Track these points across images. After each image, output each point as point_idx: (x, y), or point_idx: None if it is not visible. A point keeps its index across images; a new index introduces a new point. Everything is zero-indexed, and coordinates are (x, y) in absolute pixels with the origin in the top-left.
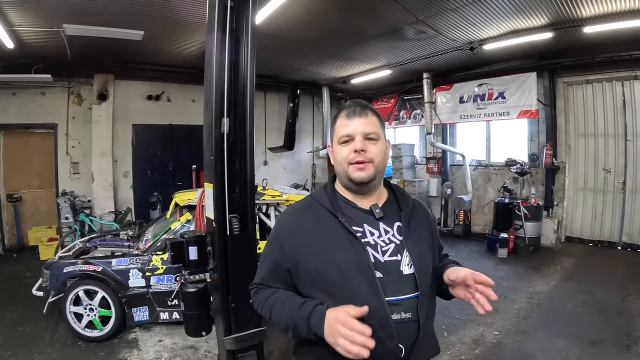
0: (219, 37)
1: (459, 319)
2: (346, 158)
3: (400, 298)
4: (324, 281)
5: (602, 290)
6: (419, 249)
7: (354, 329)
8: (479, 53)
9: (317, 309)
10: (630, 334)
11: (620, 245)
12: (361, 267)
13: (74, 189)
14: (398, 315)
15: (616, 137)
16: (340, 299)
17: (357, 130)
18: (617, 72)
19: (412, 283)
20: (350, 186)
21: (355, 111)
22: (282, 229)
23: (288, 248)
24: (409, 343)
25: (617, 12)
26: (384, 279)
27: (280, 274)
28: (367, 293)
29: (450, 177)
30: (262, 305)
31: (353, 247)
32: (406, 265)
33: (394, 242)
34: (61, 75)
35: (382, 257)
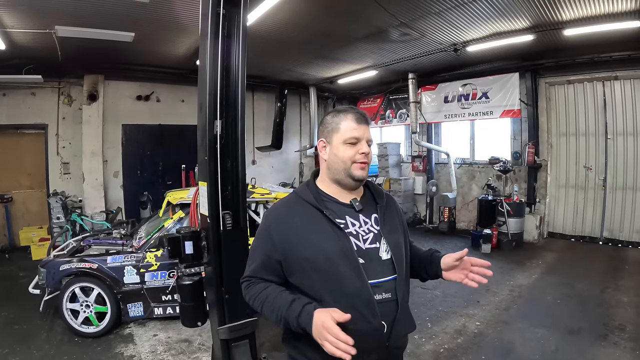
0: (212, 44)
1: (442, 310)
2: (352, 157)
3: (381, 280)
4: (314, 269)
5: (582, 283)
6: (394, 237)
7: (339, 338)
8: (462, 54)
9: (306, 309)
10: (608, 323)
11: (601, 240)
12: (346, 254)
13: (65, 189)
14: (380, 296)
15: (597, 136)
16: (329, 284)
17: (364, 135)
18: (598, 73)
19: (390, 267)
20: (347, 182)
21: (362, 119)
22: (271, 223)
23: (278, 241)
24: (390, 320)
25: (596, 15)
26: (366, 264)
27: (271, 266)
28: (352, 277)
29: (436, 175)
30: (255, 299)
31: (338, 237)
32: (384, 251)
33: (372, 232)
34: (51, 76)
35: (364, 245)
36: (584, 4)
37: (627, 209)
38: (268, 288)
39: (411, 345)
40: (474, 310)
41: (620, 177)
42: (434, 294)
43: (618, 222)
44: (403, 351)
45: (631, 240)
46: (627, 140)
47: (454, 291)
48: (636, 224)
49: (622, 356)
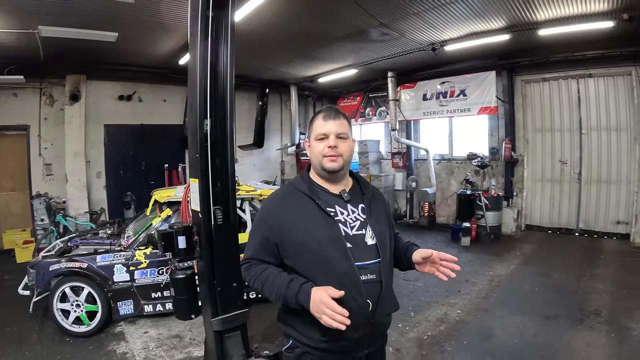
0: (201, 45)
1: (424, 300)
2: (321, 152)
3: (366, 263)
4: (307, 252)
5: (559, 273)
6: (379, 225)
7: (335, 310)
8: (440, 53)
9: (303, 288)
10: (584, 309)
11: (577, 231)
12: (335, 239)
13: (48, 191)
14: (365, 277)
15: (572, 131)
16: (320, 266)
17: (332, 130)
18: (572, 71)
19: (375, 251)
20: (323, 174)
21: (331, 115)
22: (269, 210)
23: (275, 225)
24: (374, 299)
25: (570, 15)
26: (353, 249)
27: (268, 248)
28: (341, 260)
29: (415, 171)
30: (255, 279)
31: (328, 224)
32: (369, 237)
33: (359, 220)
34: (33, 76)
35: (351, 232)
36: (558, 5)
37: (602, 201)
38: (267, 269)
39: (395, 334)
40: (455, 299)
41: (595, 171)
42: (416, 285)
43: (593, 213)
44: (387, 329)
45: (606, 231)
46: (601, 135)
47: (436, 282)
48: (610, 215)
49: (598, 339)
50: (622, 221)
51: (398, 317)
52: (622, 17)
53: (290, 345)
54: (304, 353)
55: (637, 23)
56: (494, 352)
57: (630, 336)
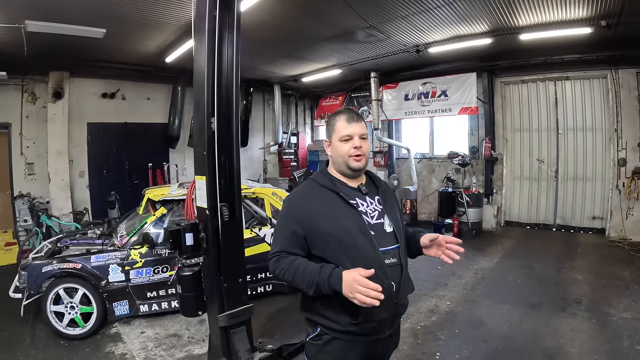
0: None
1: (414, 293)
2: (347, 152)
3: (388, 248)
4: (336, 241)
5: (540, 265)
6: (393, 214)
7: (369, 287)
8: (424, 55)
9: (335, 272)
10: (566, 298)
11: (555, 227)
12: (361, 228)
13: (30, 190)
14: (388, 260)
15: (549, 131)
16: (349, 253)
17: (356, 132)
18: (550, 73)
19: (393, 238)
20: (348, 172)
21: (353, 117)
22: (295, 205)
23: (302, 219)
24: (397, 281)
25: (550, 22)
26: (376, 236)
27: (297, 241)
28: (367, 246)
29: (397, 169)
30: (285, 271)
31: (352, 215)
32: (387, 225)
33: (377, 210)
34: (15, 72)
35: (372, 221)
36: (540, 12)
37: (578, 197)
38: (297, 260)
39: None
40: (443, 292)
41: (571, 169)
42: None
43: (570, 209)
44: (405, 309)
45: (582, 226)
46: (577, 135)
47: (423, 276)
48: (586, 211)
49: (580, 324)
50: (597, 216)
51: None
52: (600, 24)
53: (318, 333)
54: (333, 339)
55: (614, 29)
56: (485, 338)
57: (610, 321)
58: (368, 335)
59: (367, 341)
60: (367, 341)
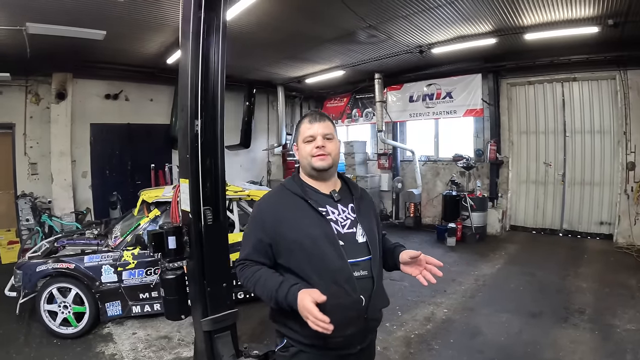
0: (193, 46)
1: (411, 300)
2: (310, 152)
3: (358, 260)
4: (301, 250)
5: (543, 272)
6: (368, 224)
7: (317, 318)
8: (427, 56)
9: (292, 290)
10: (568, 307)
11: (561, 232)
12: (328, 237)
13: (33, 190)
14: (358, 273)
15: (556, 134)
16: (314, 263)
17: (318, 131)
18: (557, 75)
19: (366, 249)
20: (313, 174)
21: (316, 118)
22: (263, 211)
23: (269, 226)
24: (367, 295)
25: (556, 21)
26: (345, 246)
27: (262, 249)
28: (334, 257)
29: (401, 172)
30: (248, 280)
31: (321, 223)
32: (360, 235)
33: (349, 219)
34: (19, 74)
35: (343, 230)
36: (544, 10)
37: (585, 202)
38: (260, 270)
39: (383, 333)
40: (441, 298)
41: (578, 173)
42: (403, 285)
43: (577, 214)
44: (379, 324)
45: (589, 232)
46: (585, 138)
47: None
48: (594, 216)
49: (582, 336)
50: (605, 222)
51: (385, 316)
52: (607, 23)
53: (285, 345)
54: (299, 352)
55: (622, 29)
56: (481, 349)
57: (613, 333)
58: (336, 350)
59: (335, 356)
60: (335, 356)
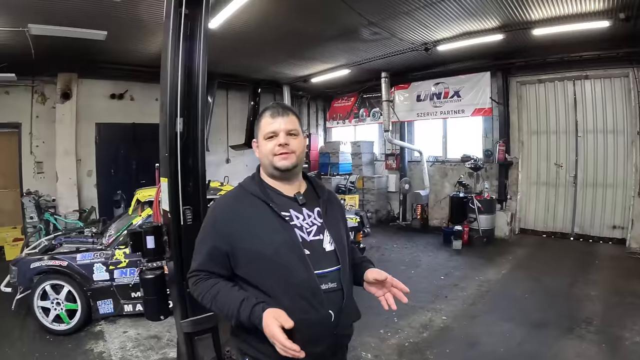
0: (174, 43)
1: (409, 305)
2: (272, 150)
3: (326, 271)
4: (261, 260)
5: (551, 278)
6: (336, 230)
7: (285, 346)
8: (433, 53)
9: (255, 311)
10: (575, 317)
11: (572, 236)
12: (292, 246)
13: (39, 189)
14: (326, 285)
15: (567, 134)
16: (277, 275)
17: (281, 127)
18: (568, 72)
19: (334, 258)
20: (275, 174)
21: (279, 112)
22: (218, 215)
23: (225, 233)
24: (336, 309)
25: (565, 15)
26: (311, 255)
27: (218, 258)
28: (298, 268)
29: (409, 172)
30: (204, 296)
31: (283, 229)
32: (328, 243)
33: (316, 224)
34: (25, 74)
35: (308, 237)
36: (552, 4)
37: (598, 205)
38: (217, 284)
39: (376, 340)
40: (441, 305)
41: (591, 174)
42: None
43: (589, 218)
44: (349, 340)
45: (601, 236)
46: (597, 138)
47: (423, 287)
48: (606, 219)
49: (588, 349)
50: (618, 226)
51: (380, 323)
52: (619, 17)
53: None
54: None
55: (634, 23)
56: None
57: (621, 346)
58: None
59: None
60: None
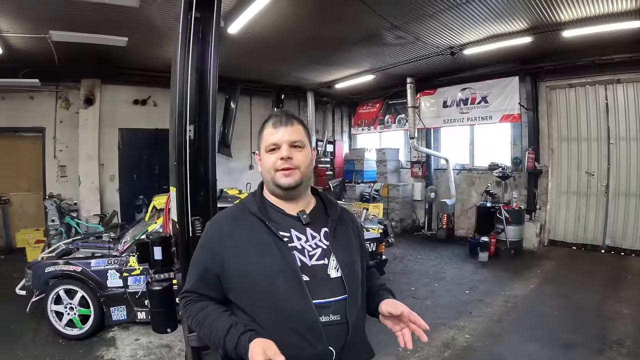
0: (183, 47)
1: (431, 322)
2: (273, 165)
3: (329, 300)
4: (251, 286)
5: (581, 294)
6: (345, 254)
7: None
8: (459, 58)
9: (242, 341)
10: (606, 337)
11: (603, 248)
12: (288, 271)
13: (61, 192)
14: (327, 318)
15: (599, 141)
16: (267, 304)
17: (283, 138)
18: (600, 76)
19: (340, 286)
20: (277, 192)
21: (282, 121)
22: (212, 235)
23: (217, 253)
24: (339, 345)
25: (595, 15)
26: (311, 282)
27: (209, 280)
28: (293, 296)
29: (435, 181)
30: (192, 320)
31: (280, 252)
32: (333, 268)
33: (320, 247)
34: (49, 80)
35: (310, 261)
36: (583, 4)
37: (631, 216)
38: (206, 309)
39: (393, 358)
40: (465, 322)
41: (623, 184)
42: (425, 304)
43: (621, 229)
44: None
45: (634, 249)
46: (630, 146)
47: (446, 302)
48: (639, 231)
49: None
50: None
51: None
52: None
53: None
54: None
55: None
56: None
57: None
58: None
59: None
60: None
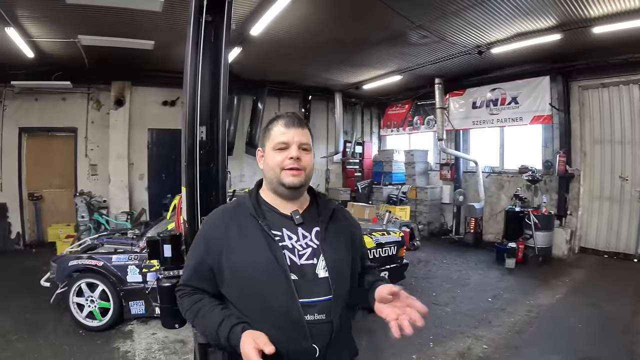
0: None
1: (449, 329)
2: (280, 164)
3: (314, 300)
4: (241, 281)
5: (611, 305)
6: (335, 254)
7: None
8: (487, 57)
9: (234, 331)
10: (633, 353)
11: (636, 257)
12: (276, 268)
13: (92, 190)
14: (312, 316)
15: (633, 144)
16: (253, 300)
17: (295, 139)
18: (634, 75)
19: (327, 286)
20: (280, 190)
21: (294, 122)
22: (208, 229)
23: (212, 248)
24: (323, 343)
25: (627, 10)
26: (299, 281)
27: (203, 273)
28: (280, 294)
29: (464, 183)
30: (187, 312)
31: (270, 250)
32: (322, 269)
33: (311, 247)
34: (80, 82)
35: (299, 260)
36: None
37: None
38: (201, 301)
39: None
40: (483, 331)
41: None
42: (444, 311)
43: None
44: None
45: None
46: None
47: (467, 309)
48: None
49: None
50: None
51: (413, 347)
52: None
53: None
54: None
55: None
56: None
57: None
58: None
59: None
60: None
